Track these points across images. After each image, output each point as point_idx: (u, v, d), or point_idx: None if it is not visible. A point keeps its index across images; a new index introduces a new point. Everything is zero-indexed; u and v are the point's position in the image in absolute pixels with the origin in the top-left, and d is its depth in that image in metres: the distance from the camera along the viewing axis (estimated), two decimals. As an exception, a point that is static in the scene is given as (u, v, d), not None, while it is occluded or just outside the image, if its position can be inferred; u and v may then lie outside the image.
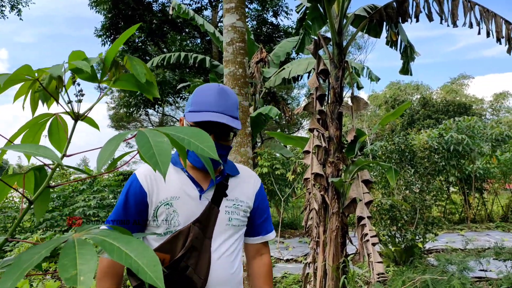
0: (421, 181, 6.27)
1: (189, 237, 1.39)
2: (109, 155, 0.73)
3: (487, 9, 4.57)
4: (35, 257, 0.65)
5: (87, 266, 0.60)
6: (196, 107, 1.41)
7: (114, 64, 1.03)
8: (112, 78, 1.03)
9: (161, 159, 0.69)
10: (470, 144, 8.94)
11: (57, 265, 0.93)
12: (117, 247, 0.66)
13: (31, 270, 0.67)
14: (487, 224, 10.28)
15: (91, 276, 0.58)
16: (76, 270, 0.58)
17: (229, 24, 3.21)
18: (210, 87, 1.46)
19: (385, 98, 32.71)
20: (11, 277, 0.61)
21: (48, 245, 0.69)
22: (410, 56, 5.24)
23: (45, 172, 0.99)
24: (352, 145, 4.39)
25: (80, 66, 0.84)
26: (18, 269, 0.63)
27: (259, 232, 1.65)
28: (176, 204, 1.42)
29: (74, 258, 0.62)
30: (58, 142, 1.04)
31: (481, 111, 36.22)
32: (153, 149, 0.71)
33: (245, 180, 1.61)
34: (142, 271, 0.64)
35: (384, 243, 6.07)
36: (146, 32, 13.35)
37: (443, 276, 3.72)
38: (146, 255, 0.66)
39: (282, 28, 15.47)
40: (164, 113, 21.25)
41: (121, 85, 1.06)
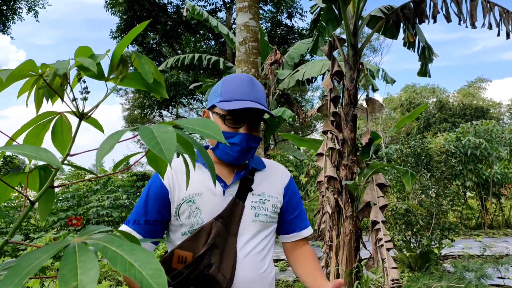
0: (438, 186, 6.15)
1: (211, 233, 1.34)
2: (107, 150, 0.70)
3: (507, 9, 4.47)
4: (35, 262, 0.61)
5: (88, 277, 0.56)
6: (227, 96, 1.37)
7: (121, 62, 1.00)
8: (119, 76, 1.00)
9: (165, 146, 0.67)
10: (488, 149, 8.76)
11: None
12: (121, 255, 0.63)
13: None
14: (505, 230, 10.06)
15: (93, 286, 0.54)
16: (77, 281, 0.55)
17: (242, 23, 3.17)
18: (238, 77, 1.43)
19: (400, 101, 32.39)
20: (11, 282, 0.58)
21: (49, 249, 0.66)
22: (429, 58, 5.14)
23: (49, 172, 0.97)
24: (366, 148, 4.32)
25: (87, 65, 0.81)
26: (17, 275, 0.59)
27: (293, 229, 1.55)
28: (199, 200, 1.36)
29: (74, 267, 0.58)
30: (62, 143, 1.01)
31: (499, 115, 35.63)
32: (156, 138, 0.68)
33: (272, 174, 1.54)
34: (147, 283, 0.60)
35: (398, 248, 5.97)
36: (161, 34, 13.42)
37: (460, 283, 3.62)
38: (151, 265, 0.62)
39: (296, 30, 15.43)
40: (178, 114, 21.37)
41: (128, 84, 1.03)
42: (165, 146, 0.66)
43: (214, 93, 1.43)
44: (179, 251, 1.33)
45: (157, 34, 13.72)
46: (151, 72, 0.99)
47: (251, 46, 3.28)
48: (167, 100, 14.52)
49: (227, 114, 1.35)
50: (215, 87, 1.46)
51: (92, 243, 0.66)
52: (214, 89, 1.45)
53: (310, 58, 14.21)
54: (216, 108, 1.39)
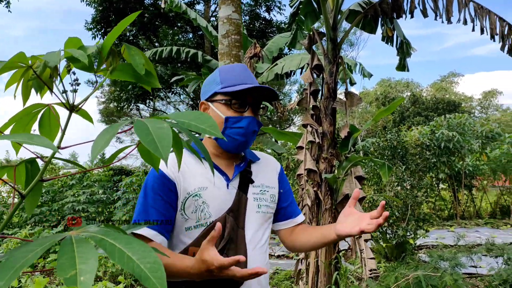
0: (413, 178, 6.30)
1: (226, 228, 1.33)
2: (103, 144, 0.69)
3: (482, 5, 4.58)
4: (29, 255, 0.61)
5: (87, 266, 0.56)
6: (229, 82, 1.38)
7: (111, 53, 0.99)
8: (109, 68, 0.99)
9: (162, 144, 0.66)
10: (460, 141, 9.02)
11: (46, 261, 0.88)
12: (118, 248, 0.62)
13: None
14: (476, 221, 10.39)
15: (91, 276, 0.54)
16: (76, 270, 0.55)
17: (224, 16, 3.16)
18: (234, 66, 1.45)
19: (375, 95, 32.90)
20: (4, 276, 0.57)
21: (43, 242, 0.65)
22: (407, 52, 5.24)
23: (37, 165, 0.95)
24: (345, 141, 4.38)
25: (77, 56, 0.80)
26: (11, 268, 0.58)
27: (289, 216, 1.58)
28: (205, 194, 1.34)
29: (73, 257, 0.58)
30: (49, 134, 0.99)
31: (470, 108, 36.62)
32: (152, 135, 0.68)
33: (266, 165, 1.56)
34: (145, 276, 0.60)
35: (375, 239, 6.09)
36: (138, 26, 13.19)
37: (435, 272, 3.74)
38: (149, 259, 0.62)
39: (275, 24, 15.43)
40: (155, 108, 21.12)
41: (118, 76, 1.02)
42: (161, 144, 0.65)
43: (212, 82, 1.43)
44: (194, 248, 1.30)
45: (134, 27, 13.49)
46: (142, 64, 0.98)
47: (233, 39, 3.27)
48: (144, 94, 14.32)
49: (232, 98, 1.35)
50: (211, 78, 1.45)
51: (88, 236, 0.66)
52: (210, 79, 1.45)
53: (288, 52, 14.24)
54: (218, 96, 1.39)
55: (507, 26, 4.52)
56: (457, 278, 3.54)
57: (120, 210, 7.40)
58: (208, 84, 1.45)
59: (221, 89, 1.37)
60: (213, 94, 1.40)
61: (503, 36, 4.52)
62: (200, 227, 1.34)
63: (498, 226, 9.68)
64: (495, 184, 11.70)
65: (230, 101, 1.36)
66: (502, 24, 4.52)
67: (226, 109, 1.36)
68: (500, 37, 4.53)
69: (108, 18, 13.15)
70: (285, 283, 5.22)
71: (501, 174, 10.78)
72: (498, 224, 9.93)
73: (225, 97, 1.37)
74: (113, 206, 9.13)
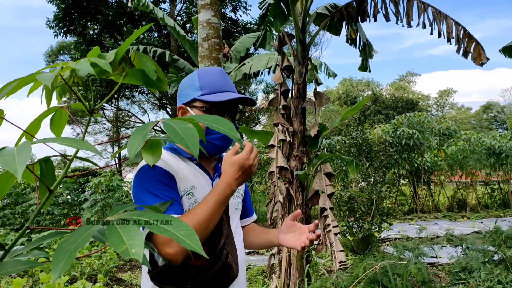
0: (377, 174, 6.58)
1: (223, 224, 1.39)
2: (137, 145, 0.78)
3: (439, 10, 4.86)
4: (79, 239, 0.70)
5: (134, 241, 0.66)
6: (210, 89, 1.39)
7: (123, 60, 1.08)
8: (122, 74, 1.07)
9: (190, 141, 0.77)
10: (420, 138, 9.45)
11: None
12: (156, 224, 0.73)
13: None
14: (435, 214, 10.92)
15: (141, 249, 0.64)
16: (126, 245, 0.65)
17: (204, 20, 3.25)
18: (212, 70, 1.46)
19: (338, 94, 33.63)
20: (61, 259, 0.66)
21: (87, 229, 0.74)
22: (369, 54, 5.47)
23: (51, 163, 1.02)
24: (315, 139, 4.55)
25: (102, 65, 0.88)
26: (66, 252, 0.67)
27: (247, 214, 1.68)
28: (196, 193, 1.38)
29: (119, 235, 0.68)
30: (58, 130, 1.08)
31: (427, 107, 38.02)
32: (181, 134, 0.78)
33: None
34: (182, 241, 0.71)
35: (342, 233, 6.32)
36: (102, 24, 12.92)
37: (401, 262, 3.97)
38: (182, 227, 0.74)
39: (241, 24, 15.52)
40: (119, 107, 20.73)
41: (129, 80, 1.11)
42: (190, 142, 0.77)
43: (190, 87, 1.42)
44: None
45: (98, 25, 13.20)
46: (154, 70, 1.08)
47: (213, 43, 3.35)
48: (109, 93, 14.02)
49: (212, 107, 1.38)
50: (188, 81, 1.45)
51: (126, 217, 0.75)
52: (188, 83, 1.44)
53: (255, 52, 14.38)
54: (198, 102, 1.40)
55: (462, 30, 4.81)
56: (420, 267, 3.78)
57: (88, 211, 7.29)
58: (186, 88, 1.44)
59: (200, 95, 1.39)
60: (192, 100, 1.41)
61: (458, 39, 4.80)
62: None
63: (455, 218, 10.22)
64: (452, 179, 12.31)
65: (210, 110, 1.38)
66: (458, 28, 4.81)
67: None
68: (456, 40, 4.82)
69: (71, 15, 12.80)
70: (258, 277, 5.35)
71: (457, 169, 11.35)
72: (455, 217, 10.48)
73: (205, 105, 1.39)
74: (79, 208, 8.96)
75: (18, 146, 0.74)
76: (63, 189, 8.84)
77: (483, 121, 46.83)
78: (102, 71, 1.01)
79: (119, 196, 7.75)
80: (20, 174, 0.64)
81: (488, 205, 12.08)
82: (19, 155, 0.69)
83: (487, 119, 47.56)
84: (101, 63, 0.88)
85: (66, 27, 12.96)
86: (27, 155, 0.69)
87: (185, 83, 1.46)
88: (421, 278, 3.73)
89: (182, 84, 1.47)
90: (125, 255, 0.63)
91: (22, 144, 0.74)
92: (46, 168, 1.04)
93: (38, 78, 0.75)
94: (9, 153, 0.70)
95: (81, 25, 12.70)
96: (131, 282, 5.37)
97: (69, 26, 12.96)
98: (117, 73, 1.05)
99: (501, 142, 10.71)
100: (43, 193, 1.04)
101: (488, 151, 10.66)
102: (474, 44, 4.80)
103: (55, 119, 1.05)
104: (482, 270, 3.66)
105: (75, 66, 0.83)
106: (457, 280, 3.79)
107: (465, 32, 4.85)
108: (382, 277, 3.73)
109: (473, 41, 4.80)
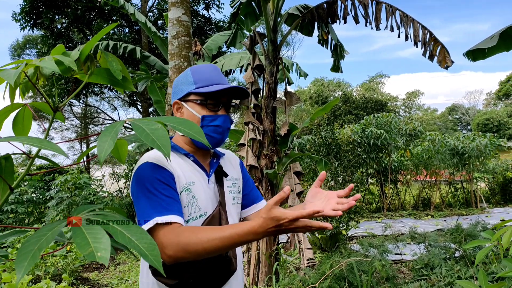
0: (345, 173, 6.71)
1: (222, 219, 1.40)
2: (107, 147, 0.78)
3: (407, 14, 4.99)
4: (43, 239, 0.70)
5: (100, 244, 0.67)
6: (204, 82, 1.42)
7: (88, 59, 1.07)
8: (87, 72, 1.07)
9: (161, 142, 0.78)
10: (387, 139, 9.68)
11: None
12: (120, 231, 0.74)
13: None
14: (401, 212, 11.22)
15: (107, 251, 0.65)
16: (91, 247, 0.65)
17: (174, 18, 3.23)
18: (205, 66, 1.49)
19: (309, 94, 33.97)
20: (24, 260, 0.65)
21: (51, 227, 0.74)
22: (340, 54, 5.57)
23: (11, 161, 1.01)
24: (285, 138, 4.61)
25: (67, 63, 0.88)
26: (29, 252, 0.67)
27: (251, 200, 1.65)
28: (194, 189, 1.38)
29: (85, 237, 0.68)
30: (22, 131, 1.07)
31: (395, 108, 38.90)
32: (151, 136, 0.79)
33: (230, 159, 1.63)
34: (143, 254, 0.72)
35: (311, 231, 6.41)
36: (71, 18, 12.57)
37: (366, 259, 4.07)
38: (145, 240, 0.75)
39: (213, 21, 15.45)
40: (88, 103, 20.26)
41: (95, 79, 1.10)
42: (161, 143, 0.78)
43: (184, 83, 1.46)
44: None
45: (67, 19, 12.83)
46: (119, 69, 1.08)
47: (183, 40, 3.34)
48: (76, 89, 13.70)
49: (207, 98, 1.41)
50: (182, 78, 1.48)
51: (92, 219, 0.76)
52: (182, 80, 1.48)
53: (227, 50, 14.35)
54: (192, 95, 1.43)
55: (429, 34, 4.97)
56: (385, 264, 3.89)
57: (54, 210, 7.10)
58: (180, 85, 1.48)
59: (195, 89, 1.42)
60: (187, 94, 1.44)
61: (424, 43, 4.96)
62: (191, 221, 1.36)
63: (420, 216, 10.53)
64: (417, 179, 12.66)
65: (205, 101, 1.41)
66: (424, 32, 4.96)
67: (200, 108, 1.41)
68: (422, 44, 4.97)
69: (38, 8, 12.37)
70: (227, 276, 5.35)
71: (422, 169, 11.69)
72: (420, 215, 10.80)
73: (199, 97, 1.42)
74: (44, 206, 8.73)
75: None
76: (27, 187, 8.58)
77: (448, 122, 48.40)
78: (67, 69, 1.01)
79: (86, 194, 7.59)
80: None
81: (452, 203, 12.51)
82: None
83: (452, 121, 49.18)
84: (66, 61, 0.88)
85: (33, 20, 12.53)
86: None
87: (179, 80, 1.49)
88: (386, 275, 3.85)
89: (176, 82, 1.50)
90: (90, 258, 0.63)
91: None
92: (5, 165, 1.02)
93: (1, 75, 0.74)
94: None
95: (48, 18, 12.32)
96: (97, 281, 5.28)
97: (36, 20, 12.54)
98: (82, 72, 1.05)
99: (464, 143, 11.09)
100: (4, 191, 1.02)
101: (451, 152, 11.02)
102: (439, 48, 4.96)
103: (19, 119, 1.04)
104: (443, 266, 3.80)
105: (40, 64, 0.83)
106: (419, 276, 3.92)
107: (431, 36, 5.00)
108: (348, 273, 3.82)
109: (438, 45, 4.96)
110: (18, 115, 1.03)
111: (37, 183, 8.80)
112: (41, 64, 0.82)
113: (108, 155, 0.79)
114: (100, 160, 0.75)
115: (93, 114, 21.65)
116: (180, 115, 1.46)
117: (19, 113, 1.03)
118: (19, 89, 0.96)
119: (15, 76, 0.73)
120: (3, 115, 0.98)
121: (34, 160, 1.03)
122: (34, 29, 13.16)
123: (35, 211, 8.72)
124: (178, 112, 1.47)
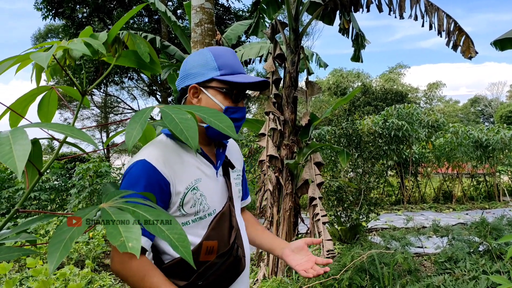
0: (365, 165, 6.63)
1: (232, 216, 1.34)
2: (136, 134, 0.76)
3: (431, 2, 4.85)
4: (74, 229, 0.68)
5: (131, 234, 0.64)
6: (229, 70, 1.31)
7: (116, 41, 1.05)
8: (115, 55, 1.04)
9: (190, 134, 0.75)
10: (409, 130, 9.52)
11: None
12: (151, 220, 0.71)
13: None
14: (421, 205, 11.06)
15: (138, 243, 0.62)
16: (123, 237, 0.63)
17: (197, 5, 3.20)
18: (226, 50, 1.37)
19: (328, 85, 33.66)
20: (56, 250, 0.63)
21: (83, 213, 0.72)
22: (361, 44, 5.47)
23: (39, 145, 1.00)
24: (306, 128, 4.55)
25: (96, 46, 0.86)
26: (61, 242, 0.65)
27: (243, 196, 1.58)
28: (201, 186, 1.29)
29: (116, 226, 0.66)
30: (46, 115, 1.05)
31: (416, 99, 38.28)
32: (180, 126, 0.76)
33: (233, 148, 1.54)
34: (174, 245, 0.69)
35: (330, 223, 6.38)
36: (91, 8, 12.69)
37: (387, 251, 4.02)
38: (175, 230, 0.72)
39: (233, 11, 15.38)
40: (108, 93, 20.49)
41: (122, 62, 1.08)
42: (190, 135, 0.74)
43: (205, 66, 1.31)
44: (207, 242, 1.27)
45: (88, 8, 12.94)
46: (147, 52, 1.05)
47: (207, 28, 3.30)
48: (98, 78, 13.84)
49: (233, 88, 1.31)
50: (201, 60, 1.33)
51: (122, 208, 0.74)
52: (201, 61, 1.32)
53: (246, 40, 14.28)
54: (215, 82, 1.30)
55: (453, 23, 4.83)
56: (407, 256, 3.83)
57: (76, 197, 7.23)
58: (198, 67, 1.32)
59: (220, 76, 1.29)
60: (209, 80, 1.30)
61: (449, 32, 4.82)
62: (199, 220, 1.29)
63: (441, 210, 10.37)
64: (439, 171, 12.45)
65: (231, 91, 1.31)
66: (448, 21, 4.82)
67: (223, 98, 1.30)
68: (446, 33, 4.83)
69: (60, -3, 12.55)
70: (246, 266, 5.37)
71: (444, 161, 11.49)
72: (441, 208, 10.63)
73: (225, 86, 1.30)
74: (66, 194, 8.88)
75: (12, 132, 0.70)
76: (50, 175, 8.75)
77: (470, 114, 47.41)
78: (95, 52, 0.99)
79: (107, 182, 7.70)
80: (20, 172, 0.59)
81: (474, 197, 12.27)
82: (18, 147, 0.64)
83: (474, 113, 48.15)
84: (95, 44, 0.85)
85: (55, 9, 12.68)
86: (27, 149, 0.63)
87: (196, 61, 1.33)
88: (408, 267, 3.79)
89: (191, 62, 1.34)
90: (122, 249, 0.61)
91: (16, 132, 0.70)
92: (34, 150, 1.01)
93: (33, 57, 0.73)
94: (4, 142, 0.66)
95: (69, 8, 12.44)
96: (119, 268, 5.36)
97: (58, 9, 12.68)
98: (110, 54, 1.03)
99: (488, 135, 10.83)
100: (33, 176, 1.02)
101: (475, 144, 10.78)
102: (464, 38, 4.82)
103: (44, 102, 1.02)
104: (467, 260, 3.72)
105: (70, 46, 0.81)
106: (442, 269, 3.85)
107: (456, 25, 4.86)
108: (369, 265, 3.78)
109: (463, 35, 4.82)
110: (44, 98, 1.01)
111: (59, 171, 8.96)
112: (71, 46, 0.80)
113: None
114: (128, 147, 0.72)
115: (113, 103, 21.90)
116: (197, 101, 1.32)
117: (45, 97, 1.01)
118: (45, 73, 0.95)
119: (48, 59, 0.71)
120: (29, 98, 0.97)
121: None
122: (56, 18, 13.31)
123: (57, 199, 8.88)
124: (194, 97, 1.32)
